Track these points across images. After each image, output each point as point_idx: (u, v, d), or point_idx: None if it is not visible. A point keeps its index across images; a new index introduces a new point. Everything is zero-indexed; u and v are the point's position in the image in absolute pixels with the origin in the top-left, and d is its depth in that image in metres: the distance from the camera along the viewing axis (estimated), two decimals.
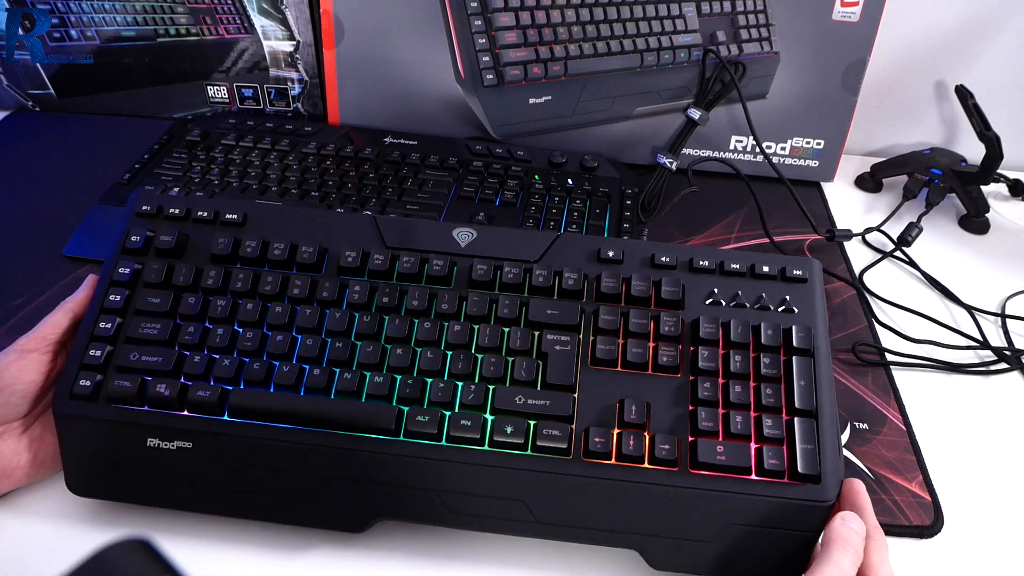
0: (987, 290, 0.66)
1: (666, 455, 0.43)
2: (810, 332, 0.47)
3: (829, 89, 0.73)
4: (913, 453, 0.52)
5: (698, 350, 0.47)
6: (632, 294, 0.49)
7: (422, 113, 0.75)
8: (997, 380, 0.58)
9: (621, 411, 0.45)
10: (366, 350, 0.47)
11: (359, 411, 0.45)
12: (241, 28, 0.76)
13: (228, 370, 0.46)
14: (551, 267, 0.49)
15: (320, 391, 0.46)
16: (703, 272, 0.50)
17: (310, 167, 0.69)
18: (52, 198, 0.69)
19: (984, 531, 0.48)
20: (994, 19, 0.74)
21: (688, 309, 0.49)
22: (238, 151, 0.71)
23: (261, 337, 0.47)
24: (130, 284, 0.49)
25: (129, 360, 0.46)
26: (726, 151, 0.76)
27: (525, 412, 0.45)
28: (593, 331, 0.48)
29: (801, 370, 0.46)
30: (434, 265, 0.49)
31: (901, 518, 0.48)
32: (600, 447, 0.44)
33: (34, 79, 0.79)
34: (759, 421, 0.44)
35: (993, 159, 0.69)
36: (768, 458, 0.43)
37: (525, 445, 0.44)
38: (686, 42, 0.73)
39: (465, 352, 0.47)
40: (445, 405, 0.45)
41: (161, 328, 0.47)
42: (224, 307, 0.48)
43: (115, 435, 0.45)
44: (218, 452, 0.45)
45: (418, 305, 0.48)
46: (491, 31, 0.69)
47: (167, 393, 0.45)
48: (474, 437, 0.44)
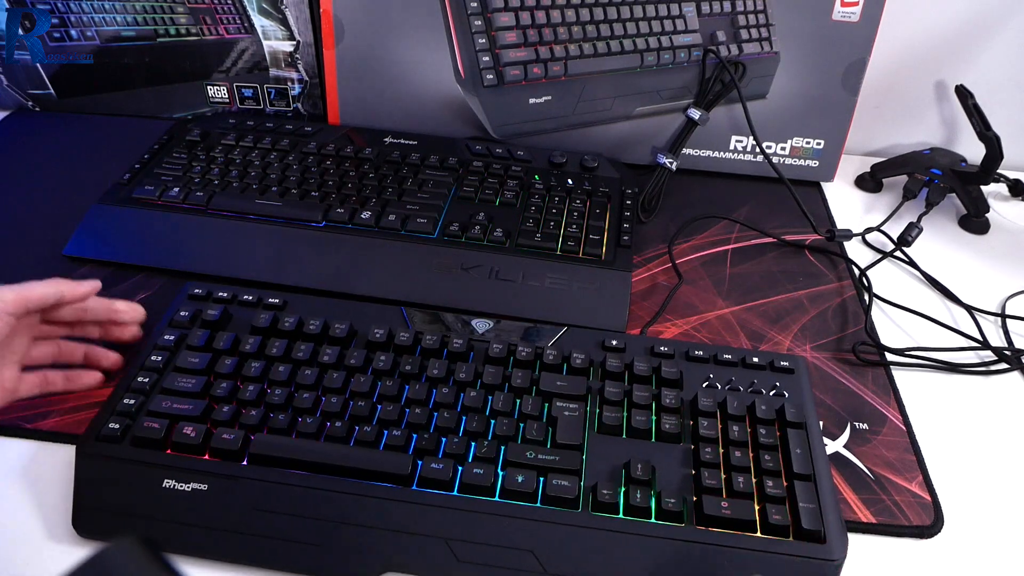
0: (987, 290, 0.66)
1: (672, 507, 0.45)
2: (802, 409, 0.50)
3: (829, 89, 0.73)
4: (913, 453, 0.52)
5: (698, 421, 0.49)
6: (635, 373, 0.52)
7: (422, 113, 0.75)
8: (997, 380, 0.58)
9: (628, 469, 0.46)
10: (387, 409, 0.49)
11: (376, 458, 0.46)
12: (241, 28, 0.76)
13: (253, 419, 0.48)
14: (560, 350, 0.53)
15: (339, 441, 0.47)
16: (699, 361, 0.54)
17: (310, 167, 0.69)
18: (52, 198, 0.69)
19: (984, 531, 0.48)
20: (994, 19, 0.74)
21: (687, 389, 0.52)
22: (238, 151, 0.71)
23: (288, 394, 0.50)
24: (172, 348, 0.52)
25: (160, 407, 0.49)
26: (726, 151, 0.76)
27: (536, 465, 0.46)
28: (600, 403, 0.50)
29: (796, 440, 0.48)
30: (454, 343, 0.53)
31: (901, 518, 0.48)
32: (609, 499, 0.45)
33: (34, 79, 0.79)
34: (760, 483, 0.46)
35: (993, 159, 0.69)
36: (772, 514, 0.44)
37: (535, 496, 0.45)
38: (686, 42, 0.73)
39: (480, 415, 0.49)
40: (459, 458, 0.47)
41: (196, 382, 0.50)
42: (257, 368, 0.51)
43: (133, 475, 0.46)
44: (232, 495, 0.45)
45: (438, 374, 0.51)
46: (491, 31, 0.70)
47: (192, 435, 0.46)
48: (486, 486, 0.45)
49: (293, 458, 0.46)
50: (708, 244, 0.68)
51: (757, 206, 0.73)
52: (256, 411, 0.48)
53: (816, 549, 0.44)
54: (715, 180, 0.77)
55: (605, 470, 0.47)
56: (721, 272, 0.65)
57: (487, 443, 0.47)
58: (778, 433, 0.49)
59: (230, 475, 0.46)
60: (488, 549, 0.44)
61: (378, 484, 0.46)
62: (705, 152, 0.76)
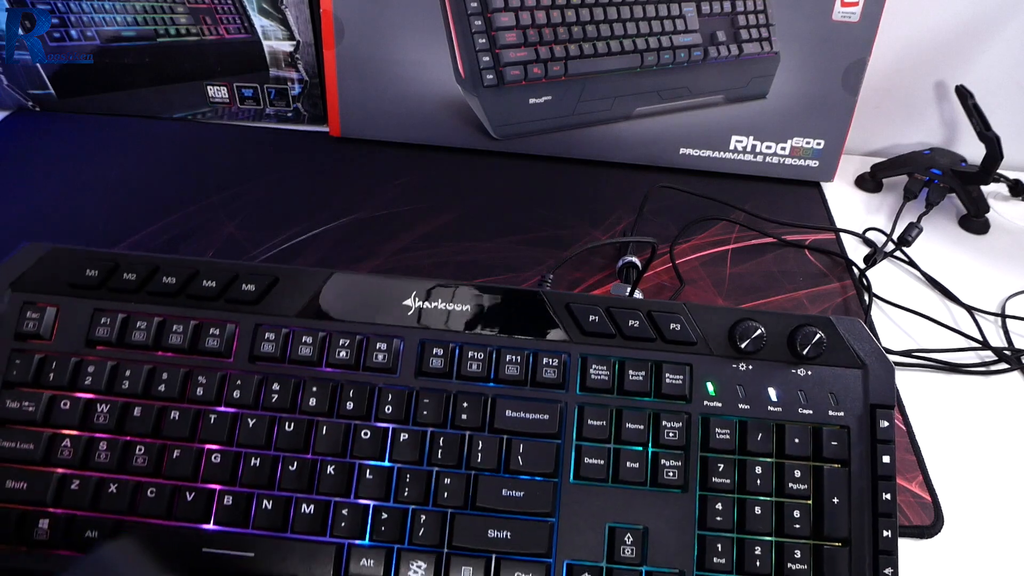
0: (987, 290, 0.66)
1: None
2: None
3: (829, 89, 0.73)
4: (913, 453, 0.52)
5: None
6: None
7: (422, 113, 0.75)
8: (997, 380, 0.58)
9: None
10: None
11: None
12: (241, 28, 0.76)
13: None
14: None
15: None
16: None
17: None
18: (52, 198, 0.69)
19: (984, 531, 0.48)
20: (994, 19, 0.74)
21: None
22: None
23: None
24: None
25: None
26: (726, 151, 0.76)
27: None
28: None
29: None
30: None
31: (901, 518, 0.48)
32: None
33: (34, 79, 0.79)
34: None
35: (993, 159, 0.69)
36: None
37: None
38: (686, 42, 0.73)
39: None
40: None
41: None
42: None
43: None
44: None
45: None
46: (491, 31, 0.69)
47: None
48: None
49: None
50: (708, 244, 0.68)
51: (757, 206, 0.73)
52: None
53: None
54: (715, 180, 0.77)
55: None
56: (721, 272, 0.65)
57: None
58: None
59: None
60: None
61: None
62: (705, 152, 0.76)
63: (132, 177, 0.72)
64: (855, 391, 0.44)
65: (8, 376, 0.42)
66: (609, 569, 0.39)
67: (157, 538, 0.39)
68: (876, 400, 0.43)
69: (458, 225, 0.68)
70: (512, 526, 0.40)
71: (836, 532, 0.40)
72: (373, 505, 0.40)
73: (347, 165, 0.75)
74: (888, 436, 0.42)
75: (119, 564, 0.30)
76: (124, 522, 0.40)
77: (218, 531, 0.40)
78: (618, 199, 0.72)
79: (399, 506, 0.40)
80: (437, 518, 0.40)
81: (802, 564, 0.40)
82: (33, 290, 0.44)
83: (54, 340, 0.43)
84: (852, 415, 0.43)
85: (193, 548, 0.39)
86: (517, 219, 0.69)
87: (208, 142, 0.78)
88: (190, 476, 0.41)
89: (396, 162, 0.76)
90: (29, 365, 0.42)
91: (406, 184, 0.73)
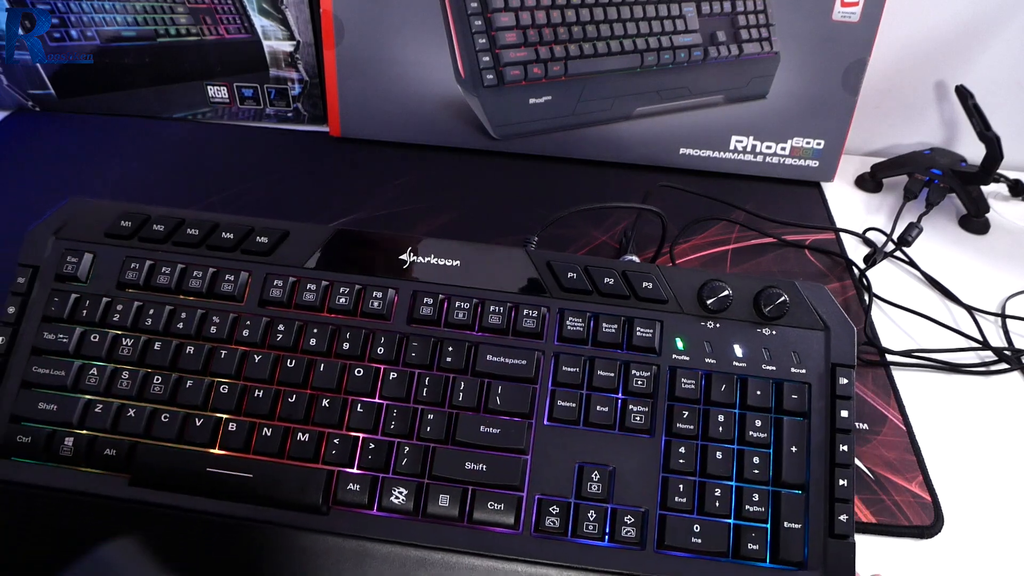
0: (987, 290, 0.66)
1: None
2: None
3: (829, 89, 0.73)
4: (913, 453, 0.52)
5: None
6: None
7: (422, 113, 0.75)
8: (997, 380, 0.58)
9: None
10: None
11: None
12: (241, 28, 0.76)
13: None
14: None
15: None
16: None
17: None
18: (52, 199, 0.69)
19: (984, 531, 0.48)
20: (994, 19, 0.74)
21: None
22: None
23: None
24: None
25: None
26: (726, 151, 0.76)
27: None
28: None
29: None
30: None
31: (901, 518, 0.48)
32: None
33: (34, 79, 0.79)
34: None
35: (993, 159, 0.69)
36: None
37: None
38: (686, 42, 0.73)
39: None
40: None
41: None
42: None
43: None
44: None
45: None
46: (491, 31, 0.69)
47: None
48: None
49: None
50: (708, 244, 0.68)
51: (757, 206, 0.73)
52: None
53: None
54: (715, 180, 0.77)
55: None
56: (721, 272, 0.65)
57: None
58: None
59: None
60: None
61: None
62: (705, 152, 0.76)
63: (132, 177, 0.72)
64: (817, 351, 0.46)
65: (47, 312, 0.47)
66: (576, 504, 0.42)
67: (167, 457, 0.43)
68: (837, 360, 0.46)
69: (458, 225, 0.68)
70: (488, 460, 0.43)
71: (793, 479, 0.43)
72: (362, 437, 0.44)
73: (347, 165, 0.75)
74: (847, 392, 0.45)
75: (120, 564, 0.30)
76: (139, 443, 0.44)
77: (223, 455, 0.44)
78: (618, 199, 0.72)
79: (385, 438, 0.44)
80: (419, 450, 0.43)
81: (760, 507, 0.42)
82: (74, 238, 0.50)
83: (89, 282, 0.49)
84: (813, 373, 0.45)
85: (199, 468, 0.43)
86: (517, 219, 0.69)
87: (208, 142, 0.78)
88: (200, 405, 0.45)
89: (396, 162, 0.76)
90: (65, 303, 0.47)
91: (406, 184, 0.73)
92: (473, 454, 0.43)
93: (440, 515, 0.42)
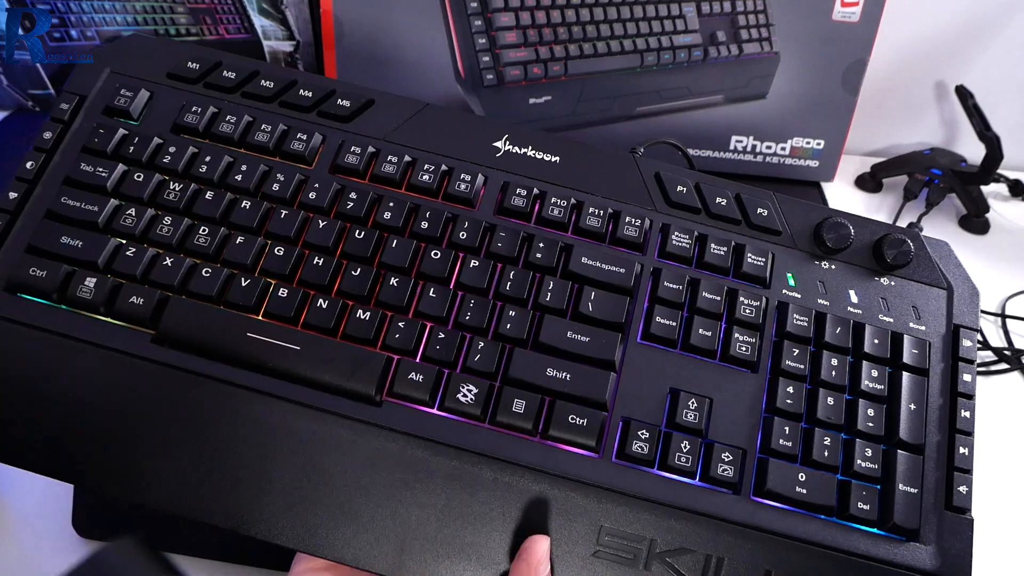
0: (987, 290, 0.66)
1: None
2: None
3: (829, 89, 0.73)
4: None
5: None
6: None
7: None
8: (997, 380, 0.58)
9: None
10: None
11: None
12: (241, 28, 0.76)
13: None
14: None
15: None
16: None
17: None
18: None
19: (984, 531, 0.48)
20: (994, 19, 0.74)
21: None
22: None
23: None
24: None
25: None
26: (726, 151, 0.76)
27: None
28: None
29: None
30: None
31: None
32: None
33: (34, 79, 0.79)
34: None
35: (993, 159, 0.69)
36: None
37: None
38: (686, 42, 0.73)
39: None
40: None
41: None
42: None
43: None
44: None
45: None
46: (491, 31, 0.69)
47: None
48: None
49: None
50: None
51: None
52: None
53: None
54: None
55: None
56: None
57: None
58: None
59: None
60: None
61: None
62: (705, 152, 0.76)
63: None
64: (937, 308, 0.43)
65: (89, 143, 0.42)
66: (668, 433, 0.38)
67: (202, 315, 0.38)
68: (960, 321, 0.43)
69: None
70: (572, 370, 0.38)
71: (912, 438, 0.39)
72: (430, 325, 0.39)
73: None
74: (971, 356, 0.41)
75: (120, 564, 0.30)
76: (171, 297, 0.39)
77: (267, 323, 0.38)
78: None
79: (456, 331, 0.39)
80: (495, 348, 0.38)
81: (872, 463, 0.38)
82: (131, 74, 0.45)
83: (141, 121, 0.44)
84: (934, 331, 0.42)
85: (237, 332, 0.38)
86: None
87: None
88: (248, 266, 0.40)
89: None
90: (111, 137, 0.42)
91: None
92: (556, 361, 0.38)
93: (511, 425, 0.37)
